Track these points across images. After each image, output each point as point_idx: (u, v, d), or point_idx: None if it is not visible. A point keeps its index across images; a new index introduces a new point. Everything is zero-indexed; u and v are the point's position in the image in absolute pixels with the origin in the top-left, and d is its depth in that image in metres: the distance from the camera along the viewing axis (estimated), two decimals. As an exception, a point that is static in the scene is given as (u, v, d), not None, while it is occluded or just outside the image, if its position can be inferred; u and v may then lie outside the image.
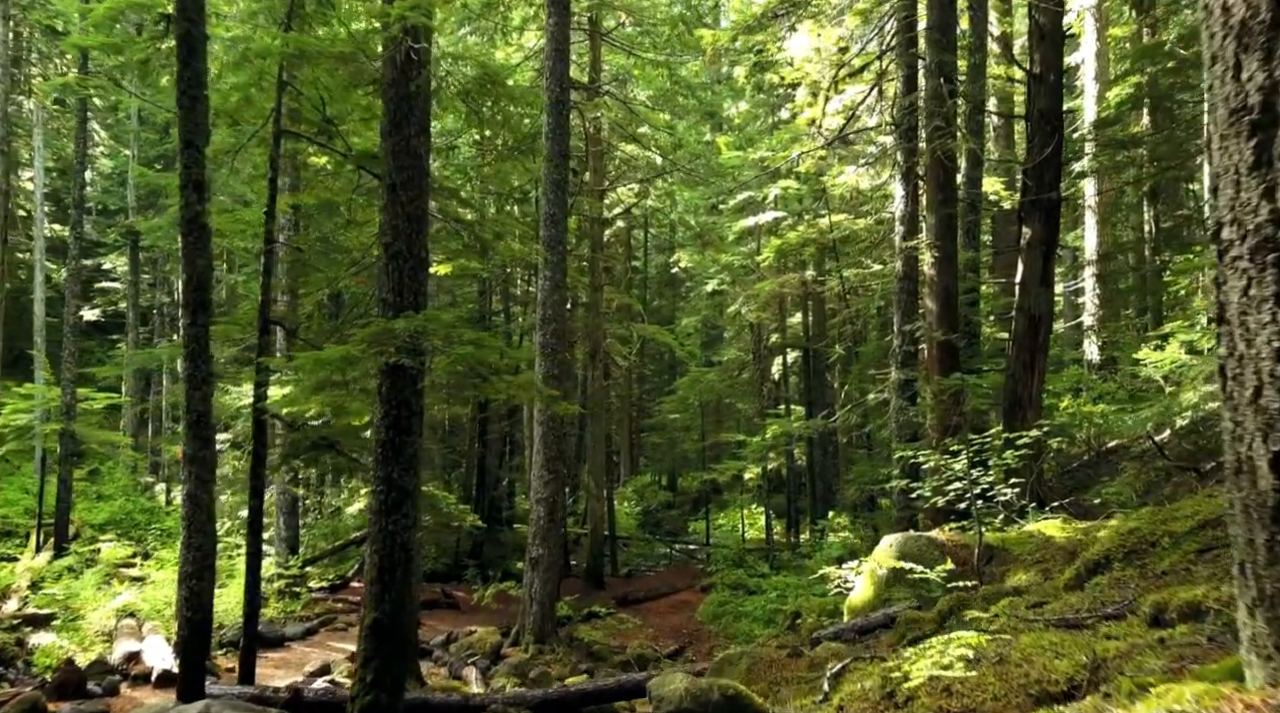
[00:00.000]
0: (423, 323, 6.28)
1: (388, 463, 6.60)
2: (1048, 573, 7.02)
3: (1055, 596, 5.26)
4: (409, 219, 6.74)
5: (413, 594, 11.00)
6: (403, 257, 6.71)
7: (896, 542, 8.34)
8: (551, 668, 13.24)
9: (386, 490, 6.58)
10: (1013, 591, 6.39)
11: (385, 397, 6.63)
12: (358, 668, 6.34)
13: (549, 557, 13.81)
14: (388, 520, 6.53)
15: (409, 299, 6.68)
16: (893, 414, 12.62)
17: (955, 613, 6.51)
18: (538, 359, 14.13)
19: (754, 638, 15.08)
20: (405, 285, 6.70)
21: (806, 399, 25.12)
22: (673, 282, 41.21)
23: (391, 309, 6.60)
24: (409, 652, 10.51)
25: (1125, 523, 5.64)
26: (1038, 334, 11.83)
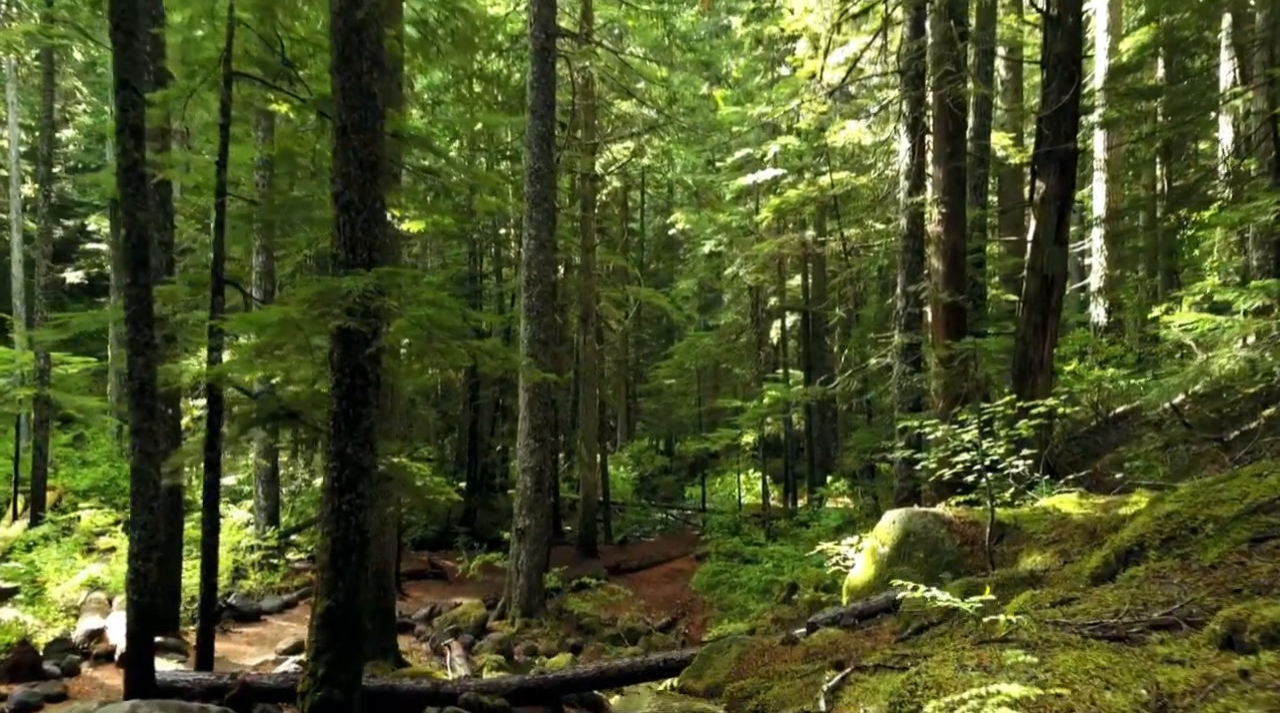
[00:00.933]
0: (374, 281, 5.61)
1: (341, 437, 5.98)
2: (1066, 555, 6.43)
3: (1082, 589, 4.67)
4: (362, 166, 6.04)
5: (391, 572, 10.47)
6: (355, 208, 6.03)
7: (900, 518, 7.75)
8: (539, 642, 12.77)
9: (340, 467, 5.96)
10: (1029, 577, 5.80)
11: (337, 364, 5.98)
12: (308, 661, 5.78)
13: (536, 528, 13.27)
14: (341, 500, 5.92)
15: (362, 255, 6.01)
16: (895, 380, 12.00)
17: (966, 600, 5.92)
18: (523, 322, 13.48)
19: (749, 611, 14.62)
20: (358, 240, 6.02)
21: (805, 364, 24.50)
22: (670, 244, 40.41)
23: (343, 267, 5.93)
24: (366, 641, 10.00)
25: (1161, 505, 5.02)
26: (1050, 296, 11.16)
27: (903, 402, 12.00)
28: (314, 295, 5.55)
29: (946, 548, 7.32)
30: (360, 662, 5.90)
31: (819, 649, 6.22)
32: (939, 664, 3.37)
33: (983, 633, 4.80)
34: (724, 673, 6.32)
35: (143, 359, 7.05)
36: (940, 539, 7.37)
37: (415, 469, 9.20)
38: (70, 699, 9.06)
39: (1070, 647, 3.15)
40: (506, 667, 11.25)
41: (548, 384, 13.49)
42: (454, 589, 15.74)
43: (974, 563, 7.18)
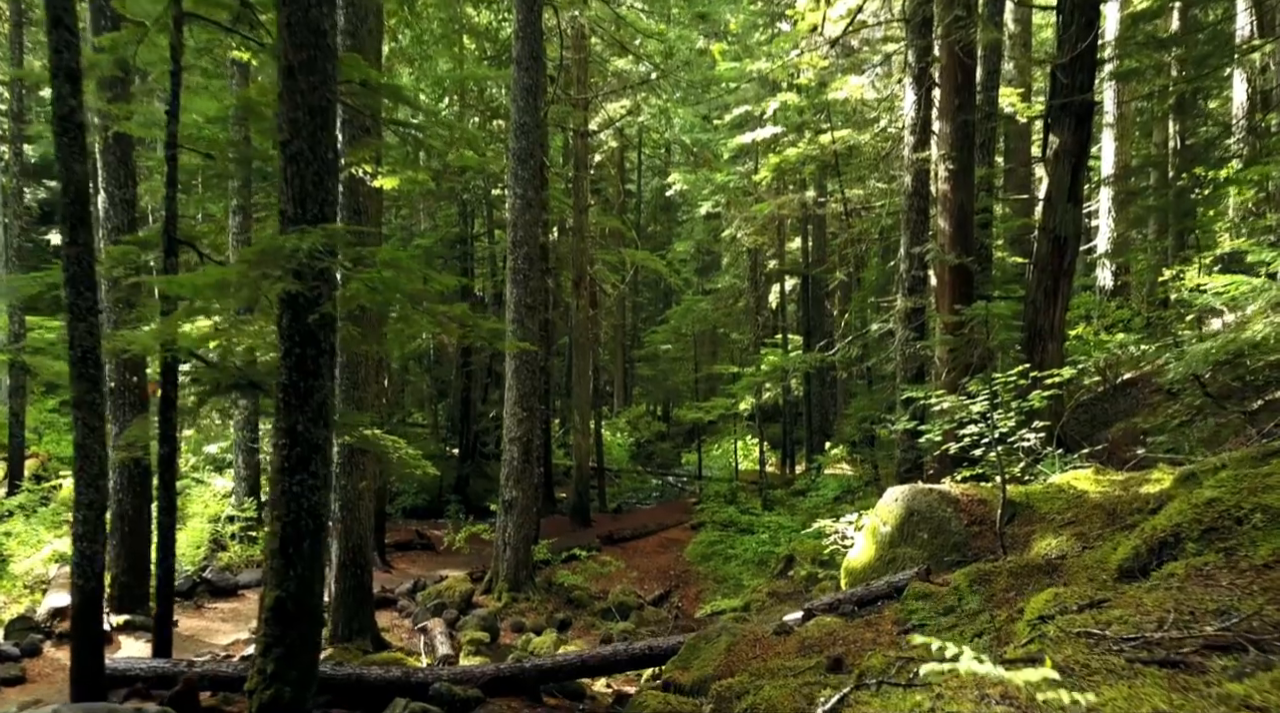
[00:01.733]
0: (322, 240, 5.03)
1: (291, 411, 5.43)
2: (1084, 539, 5.92)
3: (1111, 586, 4.15)
4: (311, 111, 5.43)
5: (368, 547, 9.99)
6: (304, 159, 5.42)
7: (903, 495, 7.24)
8: (526, 617, 12.35)
9: (290, 445, 5.42)
10: (1046, 565, 5.28)
11: (286, 331, 5.42)
12: (256, 657, 5.29)
13: (524, 500, 12.79)
14: (291, 481, 5.39)
15: (313, 211, 5.41)
16: (897, 347, 11.45)
17: (975, 590, 5.42)
18: (509, 286, 12.89)
19: (744, 584, 14.21)
20: (308, 194, 5.43)
21: (805, 328, 23.93)
22: (668, 206, 39.64)
23: (292, 223, 5.35)
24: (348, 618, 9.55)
25: (1198, 490, 4.50)
26: (1063, 258, 10.56)
27: (905, 369, 11.46)
28: (254, 255, 4.97)
29: (953, 529, 6.82)
30: (314, 658, 5.41)
31: (815, 641, 5.73)
32: (954, 694, 2.85)
33: (1000, 634, 4.29)
34: (712, 666, 5.84)
35: (84, 325, 6.50)
36: (946, 519, 6.87)
37: (391, 442, 8.67)
38: (29, 682, 8.64)
39: (1115, 675, 2.63)
40: (489, 649, 10.83)
41: (535, 352, 12.94)
42: (441, 561, 15.34)
43: (982, 545, 6.68)
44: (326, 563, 9.28)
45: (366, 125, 9.90)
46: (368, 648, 9.62)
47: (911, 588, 5.89)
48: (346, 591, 9.76)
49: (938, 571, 6.64)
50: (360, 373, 9.76)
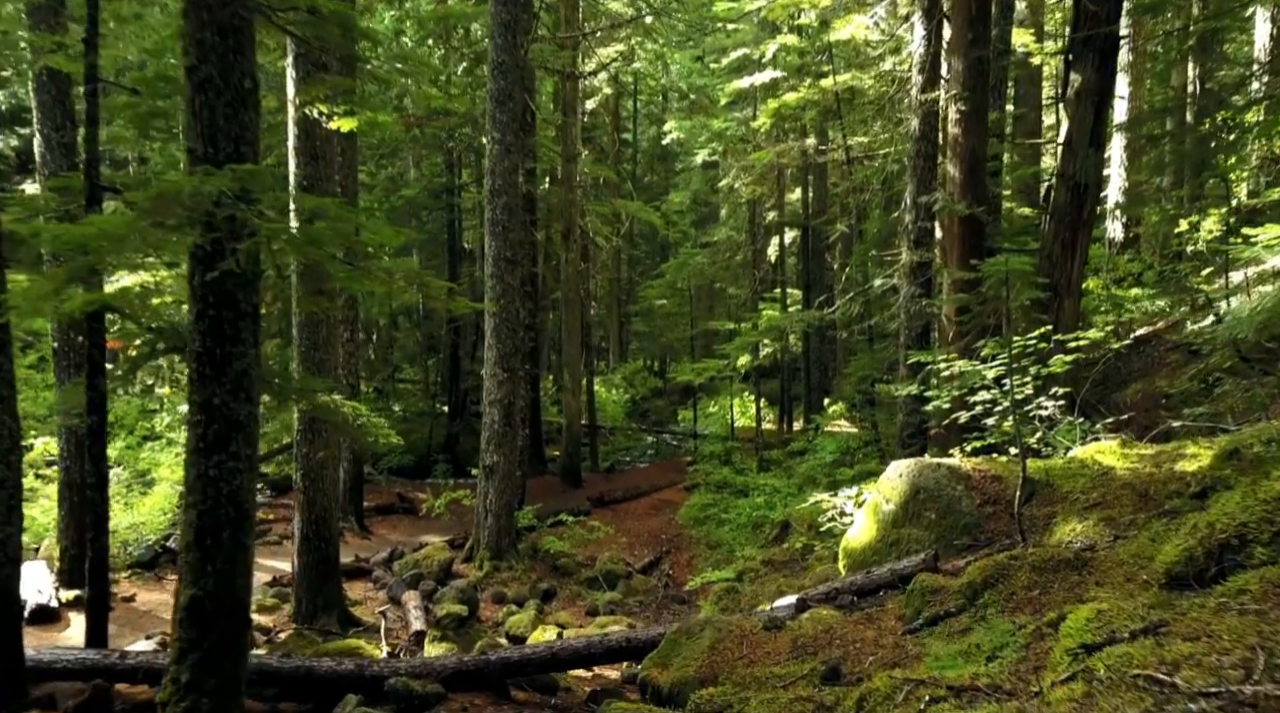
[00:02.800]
0: (232, 183, 4.26)
1: (206, 383, 4.71)
2: (1114, 524, 5.24)
3: (1163, 600, 3.46)
4: (221, 31, 4.61)
5: (334, 519, 9.33)
6: (213, 87, 4.62)
7: (908, 471, 6.55)
8: (508, 587, 11.78)
9: (206, 421, 4.71)
10: (1074, 560, 4.60)
11: (198, 291, 4.67)
12: (170, 663, 4.64)
13: (505, 464, 12.14)
14: (208, 463, 4.69)
15: (226, 149, 4.63)
16: (902, 304, 10.69)
17: (992, 587, 4.75)
18: (487, 238, 12.09)
19: (737, 550, 13.64)
20: (219, 129, 4.63)
21: (804, 282, 23.13)
22: (664, 155, 38.53)
23: (202, 163, 4.57)
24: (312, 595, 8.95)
25: (1266, 483, 3.80)
26: (1082, 207, 9.78)
27: (910, 328, 10.72)
28: (149, 201, 4.20)
29: (963, 509, 6.14)
30: (239, 663, 4.75)
31: (809, 640, 5.08)
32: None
33: (1029, 654, 3.61)
34: (694, 666, 5.20)
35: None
36: (956, 498, 6.19)
37: (351, 409, 7.96)
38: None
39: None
40: (466, 624, 10.25)
41: (515, 308, 12.18)
42: (424, 526, 14.75)
43: (997, 528, 6.01)
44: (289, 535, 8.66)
45: (323, 61, 9.04)
46: (332, 627, 9.04)
47: (919, 581, 5.22)
48: (310, 565, 9.14)
49: (946, 556, 5.98)
50: (320, 333, 9.03)
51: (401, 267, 5.41)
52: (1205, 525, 3.74)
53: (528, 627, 8.72)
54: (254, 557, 5.02)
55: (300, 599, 9.16)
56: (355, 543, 13.60)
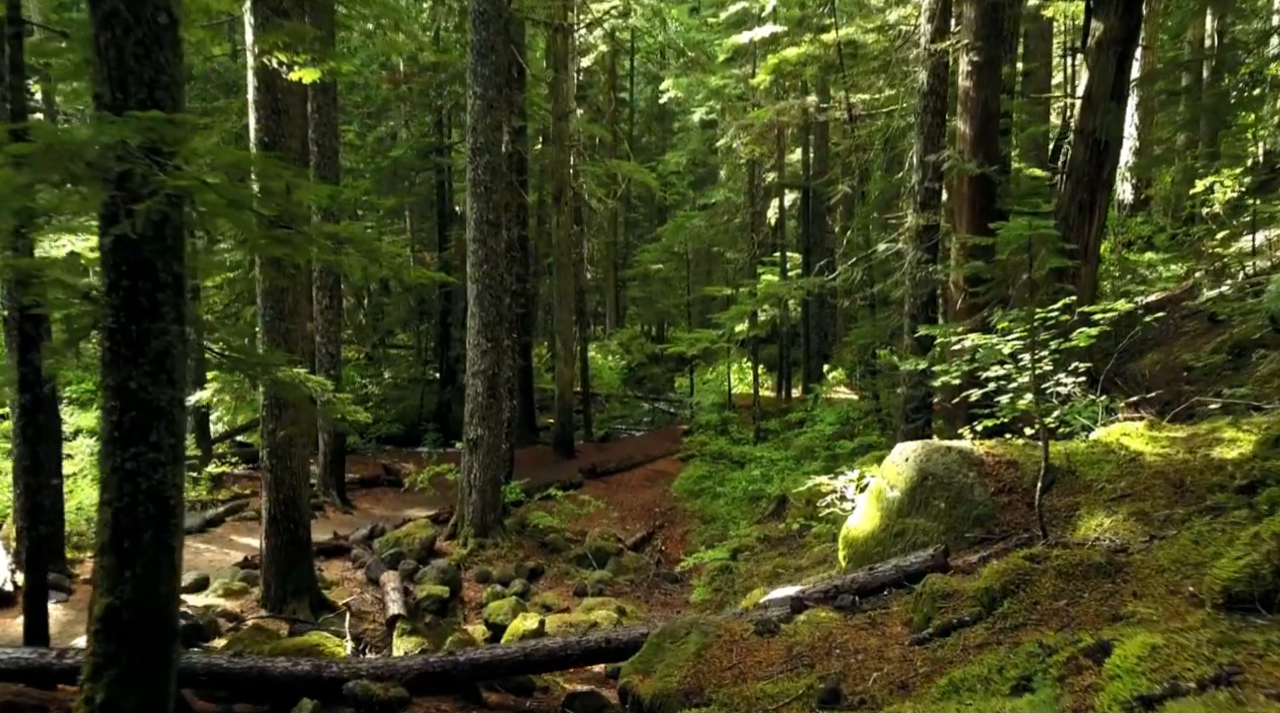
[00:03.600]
0: (141, 133, 3.64)
1: (121, 365, 4.13)
2: (1147, 520, 4.69)
3: (1226, 631, 2.92)
4: (127, -45, 3.97)
5: (303, 499, 8.80)
6: (121, 22, 3.99)
7: (915, 455, 6.00)
8: (493, 566, 11.31)
9: (121, 408, 4.14)
10: (1106, 564, 4.06)
11: (109, 259, 4.08)
12: (84, 680, 4.11)
13: (490, 438, 11.61)
14: (125, 455, 4.13)
15: (139, 95, 4.01)
16: (907, 269, 10.07)
17: (1013, 595, 4.22)
18: (469, 199, 11.44)
19: (732, 526, 13.17)
20: (129, 71, 4.01)
21: (804, 245, 22.47)
22: (662, 115, 37.57)
23: (109, 111, 3.95)
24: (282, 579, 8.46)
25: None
26: (1102, 166, 9.13)
27: (915, 295, 10.11)
28: (39, 153, 3.59)
29: (976, 497, 5.60)
30: (164, 679, 4.23)
31: (806, 648, 4.56)
32: None
33: (1063, 692, 3.07)
34: (678, 675, 4.69)
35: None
36: (968, 486, 5.64)
37: (315, 384, 7.39)
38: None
39: None
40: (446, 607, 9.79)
41: (500, 274, 11.56)
42: (409, 500, 14.25)
43: (1013, 519, 5.47)
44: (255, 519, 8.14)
45: (283, 7, 8.34)
46: (303, 612, 8.55)
47: (928, 583, 4.69)
48: (278, 548, 8.63)
49: (957, 550, 5.45)
50: (286, 302, 8.43)
51: (350, 231, 4.80)
52: (1272, 536, 3.18)
53: (508, 614, 8.24)
54: (182, 558, 4.48)
55: (269, 584, 8.67)
56: (336, 518, 13.12)
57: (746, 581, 10.08)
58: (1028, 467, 5.70)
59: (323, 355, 13.40)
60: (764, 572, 10.11)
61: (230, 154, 4.24)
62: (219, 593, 8.91)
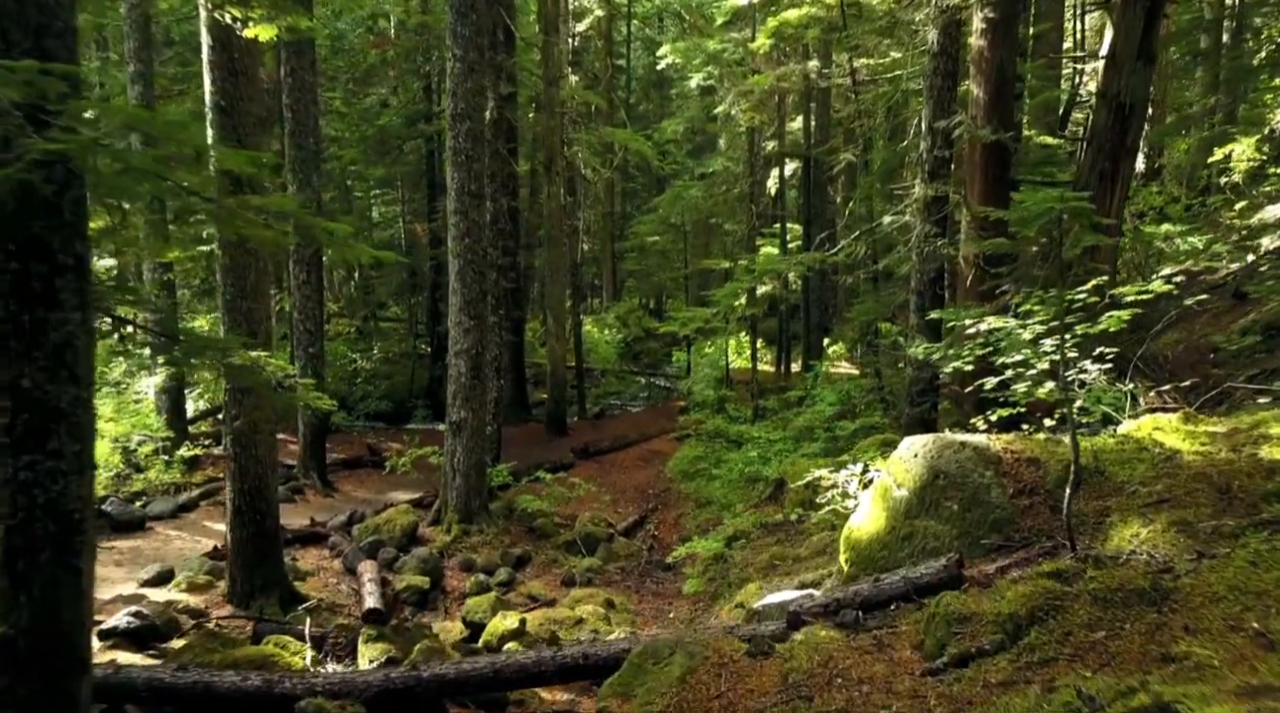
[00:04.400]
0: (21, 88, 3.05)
1: (12, 360, 3.56)
2: (1191, 531, 4.15)
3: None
4: (3, -124, 3.35)
5: (270, 489, 8.27)
6: (-2, -45, 3.38)
7: (925, 451, 5.45)
8: (478, 553, 10.82)
9: (13, 410, 3.57)
10: (1151, 590, 3.53)
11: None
12: (-25, 723, 3.60)
13: (474, 421, 11.07)
14: (18, 464, 3.57)
15: (23, 44, 3.41)
16: (914, 243, 9.47)
17: (1041, 622, 3.68)
18: (449, 168, 10.81)
19: (727, 510, 12.68)
20: (10, 17, 3.41)
21: (805, 217, 21.78)
22: (660, 82, 36.70)
23: (-11, 63, 3.35)
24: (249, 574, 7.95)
25: None
26: (1126, 132, 8.50)
27: (922, 271, 9.52)
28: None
29: (993, 499, 5.05)
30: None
31: (803, 677, 4.04)
32: None
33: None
34: (661, 704, 4.17)
35: None
36: (984, 486, 5.10)
37: (275, 368, 6.83)
38: None
39: None
40: (427, 600, 9.32)
41: (483, 248, 10.96)
42: (393, 482, 13.74)
43: (1034, 525, 4.93)
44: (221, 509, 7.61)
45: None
46: (272, 607, 8.06)
47: (942, 602, 4.16)
48: (244, 540, 8.12)
49: (971, 558, 4.92)
50: (248, 280, 7.85)
51: (283, 204, 4.19)
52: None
53: (487, 612, 7.75)
54: (93, 579, 3.93)
55: (235, 578, 8.17)
56: (316, 502, 12.62)
57: (742, 571, 9.59)
58: (1051, 465, 5.15)
59: (300, 332, 12.83)
60: (760, 561, 9.63)
61: (131, 112, 3.65)
62: (182, 587, 8.41)
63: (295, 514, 11.87)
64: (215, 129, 7.55)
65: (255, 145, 7.81)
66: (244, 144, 7.67)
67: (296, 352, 12.88)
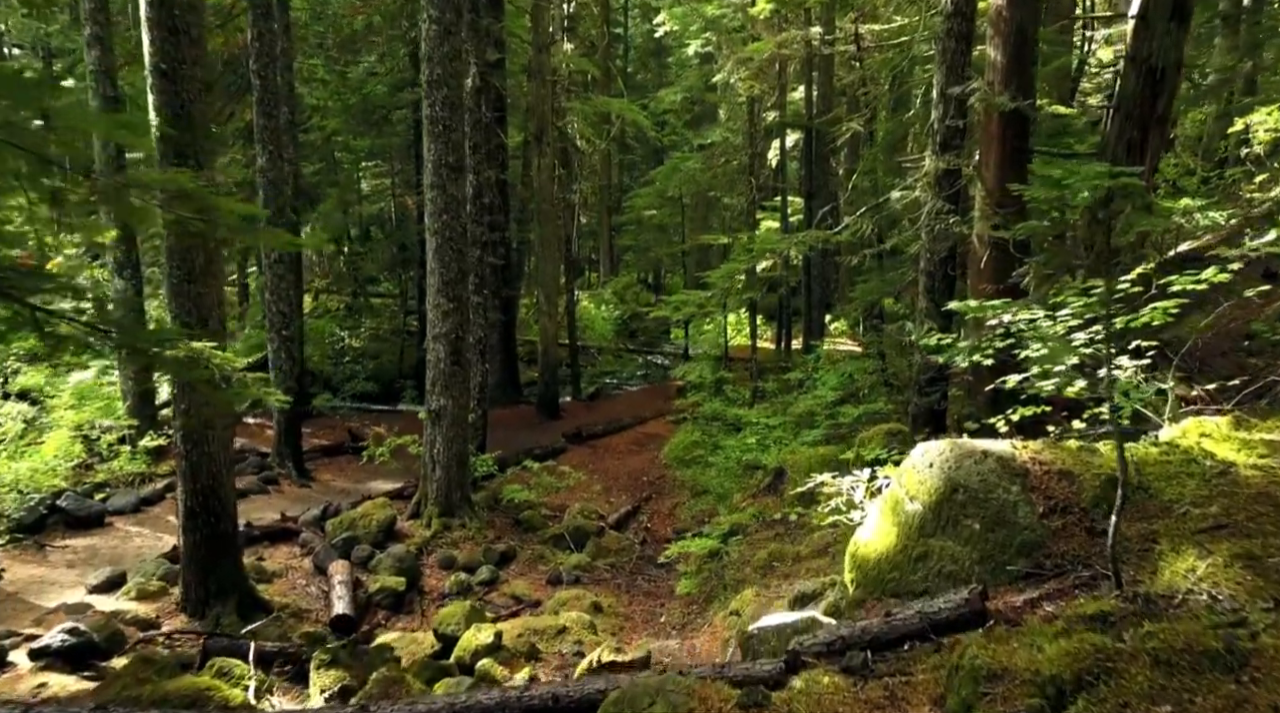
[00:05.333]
0: None
1: None
2: (1260, 568, 3.51)
3: None
4: None
5: (225, 488, 7.65)
6: None
7: (941, 461, 4.81)
8: (459, 549, 10.24)
9: None
10: (1226, 652, 2.90)
11: None
12: None
13: (455, 408, 10.44)
14: None
15: None
16: (925, 221, 8.77)
17: (1090, 688, 3.06)
18: (425, 140, 10.09)
19: (725, 499, 12.08)
20: None
21: (807, 190, 21.02)
22: (659, 51, 35.73)
23: None
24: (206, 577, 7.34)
25: None
26: (1157, 98, 7.78)
27: (932, 251, 8.84)
28: None
29: (1020, 519, 4.42)
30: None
31: (802, 740, 3.42)
32: None
33: None
34: (635, 767, 3.56)
35: None
36: (1010, 504, 4.46)
37: (221, 362, 6.18)
38: None
39: None
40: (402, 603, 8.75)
41: (462, 224, 10.26)
42: (373, 471, 13.12)
43: (1068, 550, 4.30)
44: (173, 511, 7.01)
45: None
46: (229, 616, 7.48)
47: (967, 653, 3.53)
48: (197, 544, 7.52)
49: (996, 586, 4.30)
50: (197, 262, 7.17)
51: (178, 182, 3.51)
52: None
53: (460, 623, 7.14)
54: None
55: (189, 584, 7.58)
56: (291, 493, 12.03)
57: (738, 571, 9.01)
58: (1086, 480, 4.52)
59: (273, 314, 12.17)
60: (758, 559, 9.05)
61: None
62: (132, 595, 7.82)
63: (267, 507, 11.29)
64: (155, 94, 6.84)
65: (201, 113, 7.10)
66: (187, 112, 6.98)
67: (270, 335, 12.23)
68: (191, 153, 7.05)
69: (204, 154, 7.17)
